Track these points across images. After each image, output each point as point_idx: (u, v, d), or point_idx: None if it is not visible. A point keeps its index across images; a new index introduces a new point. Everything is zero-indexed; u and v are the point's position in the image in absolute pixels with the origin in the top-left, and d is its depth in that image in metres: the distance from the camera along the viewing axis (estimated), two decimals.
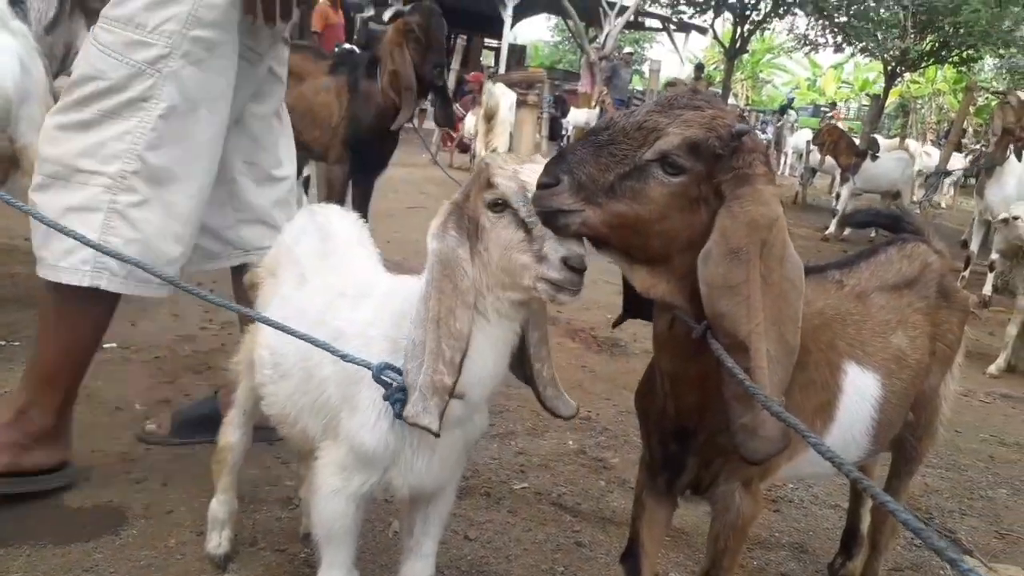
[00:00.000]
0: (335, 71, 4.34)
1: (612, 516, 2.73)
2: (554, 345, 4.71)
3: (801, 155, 13.62)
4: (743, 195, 1.30)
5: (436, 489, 1.65)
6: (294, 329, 1.57)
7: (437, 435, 1.38)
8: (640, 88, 25.81)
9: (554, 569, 2.42)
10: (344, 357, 1.47)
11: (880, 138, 12.23)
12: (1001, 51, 17.82)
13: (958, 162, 12.50)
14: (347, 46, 7.69)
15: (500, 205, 1.38)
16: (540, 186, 1.32)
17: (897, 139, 12.96)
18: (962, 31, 16.26)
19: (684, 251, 1.33)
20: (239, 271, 2.59)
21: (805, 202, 13.28)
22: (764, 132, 25.01)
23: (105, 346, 3.41)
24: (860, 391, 1.72)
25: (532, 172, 1.37)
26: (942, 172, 8.39)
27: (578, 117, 17.78)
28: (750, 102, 36.24)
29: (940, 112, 31.46)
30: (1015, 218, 5.20)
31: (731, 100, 25.93)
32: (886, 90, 19.77)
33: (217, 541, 2.19)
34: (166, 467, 2.65)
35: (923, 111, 32.11)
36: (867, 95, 19.06)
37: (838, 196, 10.63)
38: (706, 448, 1.54)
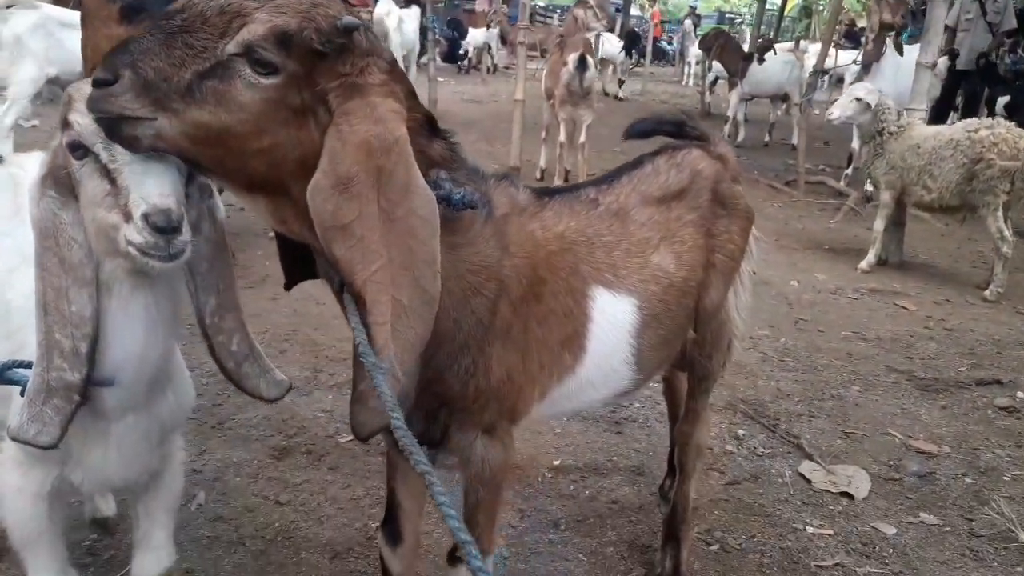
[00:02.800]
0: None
1: None
2: None
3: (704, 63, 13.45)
4: (352, 110, 1.06)
5: (130, 482, 1.45)
6: None
7: (53, 446, 1.17)
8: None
9: (367, 526, 2.29)
10: None
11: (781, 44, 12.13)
12: None
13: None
14: None
15: (81, 149, 1.10)
16: (95, 83, 1.03)
17: (793, 42, 12.84)
18: None
19: (302, 178, 1.08)
20: None
21: (708, 111, 13.21)
22: (671, 43, 24.84)
23: None
24: (613, 318, 1.56)
25: None
26: (819, 72, 8.33)
27: (477, 38, 17.24)
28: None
29: (841, 13, 31.62)
30: (857, 99, 5.27)
31: (634, 11, 25.46)
32: None
33: None
34: None
35: (824, 12, 32.27)
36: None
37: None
38: (424, 398, 1.36)
